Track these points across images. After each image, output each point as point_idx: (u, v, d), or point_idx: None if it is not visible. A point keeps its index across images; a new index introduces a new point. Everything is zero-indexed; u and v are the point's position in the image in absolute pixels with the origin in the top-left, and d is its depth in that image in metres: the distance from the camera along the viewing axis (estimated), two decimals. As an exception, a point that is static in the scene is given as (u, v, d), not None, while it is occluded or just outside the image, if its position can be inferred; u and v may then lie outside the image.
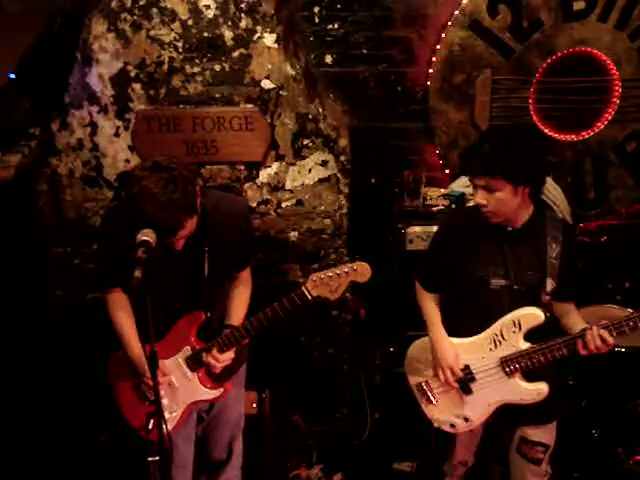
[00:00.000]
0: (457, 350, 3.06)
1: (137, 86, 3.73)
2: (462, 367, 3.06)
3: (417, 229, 4.00)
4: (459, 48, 4.09)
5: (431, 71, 4.16)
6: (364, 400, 4.45)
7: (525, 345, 2.92)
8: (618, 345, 3.69)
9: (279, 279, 4.10)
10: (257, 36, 3.68)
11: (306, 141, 3.88)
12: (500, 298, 2.94)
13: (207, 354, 3.03)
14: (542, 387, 2.94)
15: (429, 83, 4.19)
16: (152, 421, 2.79)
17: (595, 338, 2.76)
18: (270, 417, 3.99)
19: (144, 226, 2.52)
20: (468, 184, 4.10)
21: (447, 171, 4.35)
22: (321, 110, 3.86)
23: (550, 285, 2.87)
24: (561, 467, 3.47)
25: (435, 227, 3.37)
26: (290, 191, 3.97)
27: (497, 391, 3.02)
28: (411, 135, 4.36)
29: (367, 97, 4.29)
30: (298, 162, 3.92)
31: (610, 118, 4.22)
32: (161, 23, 3.63)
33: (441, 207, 4.10)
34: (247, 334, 3.00)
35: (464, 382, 3.08)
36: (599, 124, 4.25)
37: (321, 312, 4.14)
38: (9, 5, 3.66)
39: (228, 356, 3.05)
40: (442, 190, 4.20)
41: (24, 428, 3.83)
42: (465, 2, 4.00)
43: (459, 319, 3.09)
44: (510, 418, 3.09)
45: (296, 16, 4.09)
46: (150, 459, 2.87)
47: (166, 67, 3.71)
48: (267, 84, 3.76)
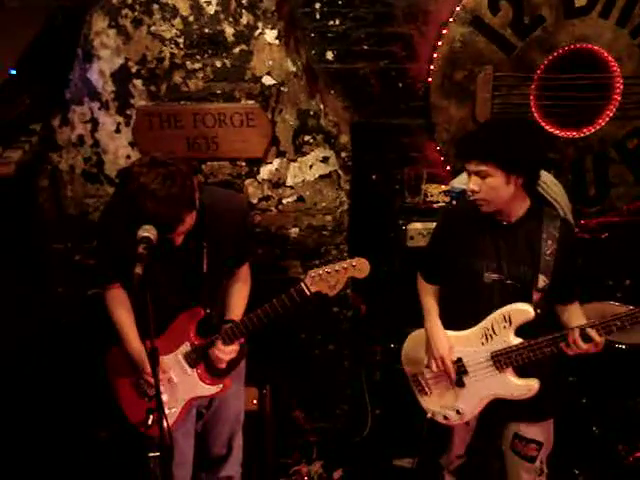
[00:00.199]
0: (451, 342, 3.08)
1: (138, 82, 3.73)
2: (455, 360, 3.08)
3: (418, 226, 4.01)
4: (460, 44, 4.08)
5: (432, 67, 4.15)
6: (365, 396, 4.46)
7: (516, 340, 2.93)
8: (618, 342, 3.73)
9: (280, 276, 4.10)
10: (258, 32, 3.67)
11: (307, 137, 3.87)
12: (493, 292, 2.95)
13: (213, 347, 3.04)
14: (532, 383, 2.94)
15: (430, 79, 4.18)
16: (152, 417, 2.81)
17: (576, 339, 2.76)
18: (270, 413, 4.01)
19: (143, 222, 2.53)
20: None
21: (448, 168, 4.34)
22: (322, 106, 3.85)
23: (542, 282, 2.87)
24: (561, 464, 3.47)
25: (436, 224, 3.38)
26: (291, 187, 3.97)
27: (488, 385, 3.04)
28: (412, 131, 4.35)
29: (368, 93, 4.28)
30: (299, 158, 3.91)
31: (611, 115, 4.22)
32: (162, 19, 3.62)
33: (442, 204, 4.11)
34: (246, 330, 3.01)
35: (457, 375, 3.09)
36: (600, 121, 4.24)
37: (322, 308, 4.14)
38: (10, 1, 3.67)
39: (234, 349, 3.06)
40: (443, 187, 4.21)
41: (24, 424, 3.84)
42: (466, -2, 4.00)
43: (454, 312, 3.12)
44: (504, 414, 3.10)
45: (297, 12, 4.08)
46: (151, 455, 2.89)
47: (167, 63, 3.70)
48: (268, 80, 3.76)
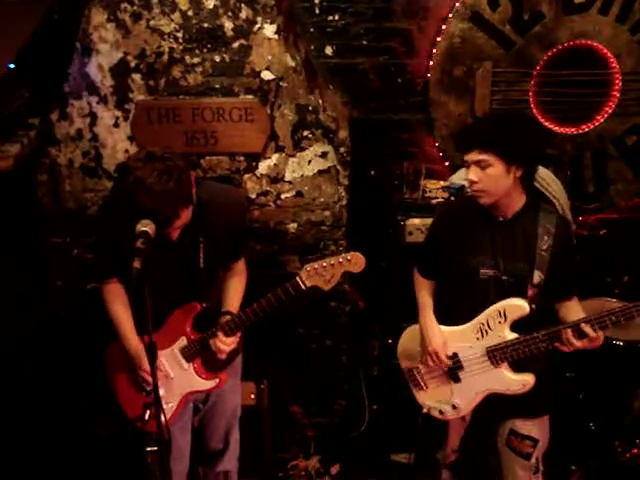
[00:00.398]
0: (446, 338, 3.08)
1: (137, 76, 3.73)
2: (450, 355, 3.08)
3: (416, 221, 4.01)
4: (459, 40, 4.08)
5: (431, 63, 4.15)
6: (362, 391, 4.46)
7: (511, 336, 2.92)
8: (615, 338, 3.73)
9: (278, 271, 4.10)
10: (257, 27, 3.67)
11: (306, 132, 3.88)
12: (488, 288, 2.94)
13: (213, 339, 3.05)
14: (527, 378, 2.94)
15: (429, 75, 4.18)
16: (149, 412, 2.81)
17: (568, 335, 2.76)
18: (268, 408, 4.01)
19: (140, 217, 2.53)
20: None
21: (447, 163, 4.34)
22: (321, 101, 3.85)
23: (537, 277, 2.86)
24: (558, 460, 3.47)
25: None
26: (289, 182, 3.96)
27: (484, 380, 3.04)
28: (411, 127, 4.36)
29: (367, 89, 4.29)
30: (298, 153, 3.91)
31: (610, 111, 4.22)
32: (161, 13, 3.63)
33: (440, 199, 4.11)
34: (242, 324, 3.01)
35: (452, 370, 3.10)
36: (599, 117, 4.24)
37: (319, 303, 4.15)
38: (9, -5, 3.66)
39: (233, 340, 3.07)
40: (441, 182, 4.20)
41: (23, 420, 3.84)
42: (466, -6, 4.00)
43: (450, 307, 3.11)
44: (500, 410, 3.10)
45: (296, 7, 4.09)
46: (149, 449, 2.89)
47: (166, 57, 3.70)
48: (267, 75, 3.76)
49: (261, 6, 3.63)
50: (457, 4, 4.01)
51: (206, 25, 3.65)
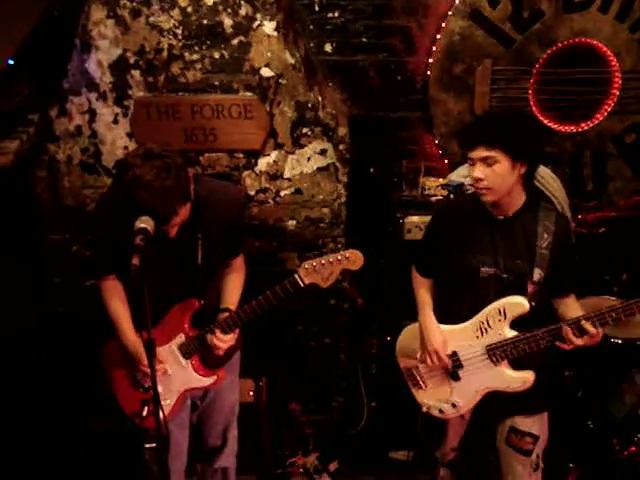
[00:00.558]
0: (445, 336, 3.08)
1: (136, 73, 3.73)
2: (450, 353, 3.08)
3: (415, 219, 4.02)
4: (459, 38, 4.08)
5: (431, 61, 4.15)
6: (360, 389, 4.46)
7: (511, 333, 2.92)
8: (614, 337, 3.73)
9: (277, 268, 4.10)
10: (257, 24, 3.67)
11: (305, 130, 3.87)
12: (489, 286, 2.94)
13: (211, 335, 3.05)
14: (528, 376, 2.95)
15: (429, 73, 4.18)
16: (146, 408, 2.81)
17: (568, 332, 2.76)
18: (267, 405, 4.01)
19: (138, 214, 2.53)
20: (467, 174, 4.09)
21: (446, 161, 4.34)
22: (320, 99, 3.85)
23: (537, 275, 2.87)
24: (556, 458, 3.47)
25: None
26: (289, 180, 3.96)
27: (484, 378, 3.04)
28: (410, 125, 4.35)
29: (366, 86, 4.28)
30: (297, 151, 3.91)
31: (610, 110, 4.22)
32: (160, 10, 3.62)
33: (439, 197, 4.12)
34: (240, 321, 3.01)
35: (452, 368, 3.10)
36: (599, 115, 4.24)
37: (318, 301, 4.15)
38: (8, -9, 3.65)
39: (231, 337, 3.07)
40: (441, 180, 4.21)
41: (21, 416, 3.84)
42: (466, -9, 3.99)
43: (449, 306, 3.11)
44: (499, 408, 3.10)
45: (296, 4, 4.08)
46: (147, 446, 2.90)
47: (165, 54, 3.69)
48: (266, 72, 3.75)
49: (260, 3, 3.63)
50: (457, 1, 4.01)
51: (205, 22, 3.65)
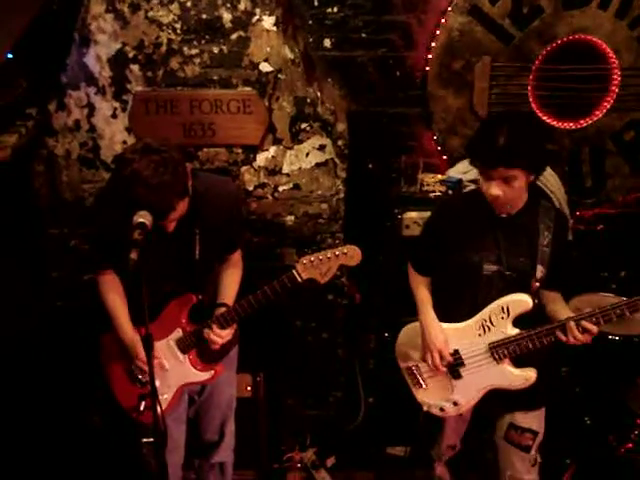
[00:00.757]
0: (447, 335, 3.08)
1: (135, 67, 3.72)
2: (451, 352, 3.07)
3: (413, 215, 4.01)
4: (458, 34, 4.07)
5: (430, 56, 4.14)
6: (358, 385, 4.47)
7: (514, 331, 2.93)
8: (612, 333, 3.74)
9: (275, 263, 4.10)
10: (256, 19, 3.66)
11: (304, 125, 3.87)
12: (491, 284, 2.95)
13: (208, 330, 3.05)
14: (530, 373, 2.95)
15: (428, 68, 4.17)
16: (144, 403, 2.81)
17: (572, 329, 2.77)
18: (264, 400, 4.02)
19: (135, 209, 2.52)
20: (465, 170, 4.12)
21: (445, 157, 4.34)
22: (319, 94, 3.85)
23: (540, 272, 2.88)
24: (553, 454, 3.48)
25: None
26: (287, 175, 3.96)
27: (486, 376, 3.04)
28: (409, 120, 4.35)
29: (365, 82, 4.27)
30: (295, 146, 3.91)
31: (609, 107, 4.21)
32: (159, 4, 3.61)
33: (438, 193, 4.10)
34: (237, 316, 3.01)
35: (453, 367, 3.09)
36: (597, 112, 4.24)
37: (316, 296, 4.15)
38: (7, -16, 3.64)
39: (228, 332, 3.07)
40: (439, 176, 4.20)
41: (19, 410, 3.84)
42: (465, -13, 3.98)
43: (450, 304, 3.11)
44: (499, 405, 3.11)
45: (295, -1, 4.08)
46: (144, 440, 2.90)
47: (164, 49, 3.69)
48: (265, 67, 3.75)
49: (260, -2, 3.63)
50: (456, -3, 4.01)
51: (205, 16, 3.64)
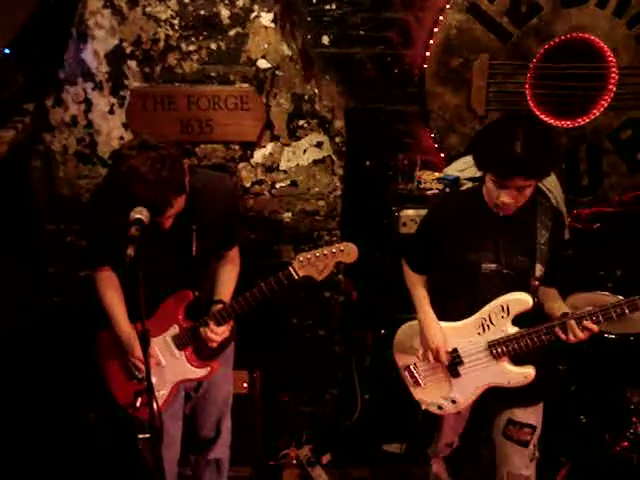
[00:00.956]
0: (446, 333, 3.07)
1: (132, 63, 3.71)
2: (450, 350, 3.07)
3: (410, 212, 4.01)
4: (456, 31, 4.07)
5: (428, 54, 4.14)
6: (354, 382, 4.47)
7: (513, 330, 2.93)
8: (608, 332, 3.74)
9: (272, 260, 4.10)
10: (254, 15, 3.66)
11: (301, 122, 3.87)
12: (490, 282, 2.94)
13: (204, 328, 3.05)
14: (529, 370, 2.95)
15: (426, 66, 4.17)
16: (140, 399, 2.81)
17: (573, 327, 2.78)
18: (260, 397, 4.02)
19: (132, 205, 2.52)
20: (462, 168, 4.12)
21: (442, 155, 4.34)
22: (317, 91, 3.84)
23: (539, 271, 2.89)
24: (548, 452, 3.48)
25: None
26: (284, 172, 3.96)
27: (485, 374, 3.04)
28: (407, 118, 4.35)
29: (363, 79, 4.28)
30: (293, 143, 3.90)
31: (606, 105, 4.22)
32: (157, 0, 3.61)
33: (435, 191, 4.09)
34: (234, 313, 3.01)
35: (452, 365, 3.09)
36: (595, 111, 4.24)
37: (313, 293, 4.15)
38: (4, -21, 3.63)
39: (225, 329, 3.06)
40: (436, 174, 4.19)
41: (14, 405, 3.84)
42: (464, -15, 3.98)
43: (449, 302, 3.10)
44: (497, 401, 3.11)
45: (293, -5, 4.07)
46: (140, 436, 2.90)
47: (162, 45, 3.68)
48: (263, 64, 3.74)
49: (258, -6, 3.62)
50: (455, -5, 4.00)
51: (202, 12, 3.64)
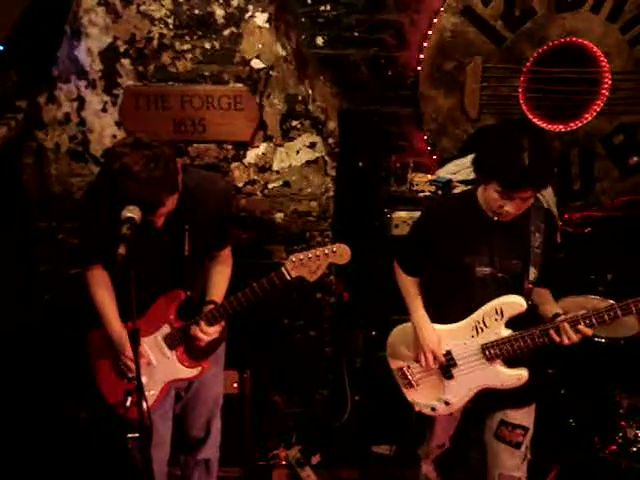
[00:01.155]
0: (439, 336, 3.08)
1: (126, 62, 3.70)
2: (444, 353, 3.08)
3: (403, 214, 4.01)
4: (450, 34, 4.08)
5: (422, 57, 4.15)
6: (345, 383, 4.47)
7: (506, 332, 2.93)
8: (598, 335, 3.76)
9: (264, 260, 4.09)
10: (248, 15, 3.65)
11: (295, 122, 3.86)
12: (484, 286, 2.95)
13: (195, 327, 3.04)
14: (522, 373, 2.96)
15: (420, 68, 4.18)
16: (130, 398, 2.80)
17: (567, 331, 2.79)
18: (250, 397, 4.01)
19: (125, 203, 2.51)
20: (455, 171, 4.13)
21: (435, 157, 4.35)
22: (311, 92, 3.84)
23: (533, 274, 2.90)
24: (537, 455, 3.49)
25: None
26: (277, 172, 3.95)
27: (478, 376, 3.05)
28: (400, 120, 4.36)
29: (357, 80, 4.28)
30: (286, 143, 3.90)
31: (599, 110, 4.23)
32: (152, -2, 3.61)
33: (427, 193, 4.11)
34: (226, 313, 3.01)
35: (446, 367, 3.10)
36: (587, 115, 4.26)
37: (305, 294, 4.15)
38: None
39: (216, 329, 3.06)
40: (429, 176, 4.21)
41: (2, 405, 3.83)
42: (458, -12, 3.99)
43: (443, 305, 3.11)
44: (490, 403, 3.12)
45: (288, -4, 4.07)
46: (130, 436, 2.89)
47: (156, 43, 3.67)
48: (257, 64, 3.74)
49: (253, -6, 3.62)
50: (449, -2, 4.01)
51: (197, 12, 3.63)
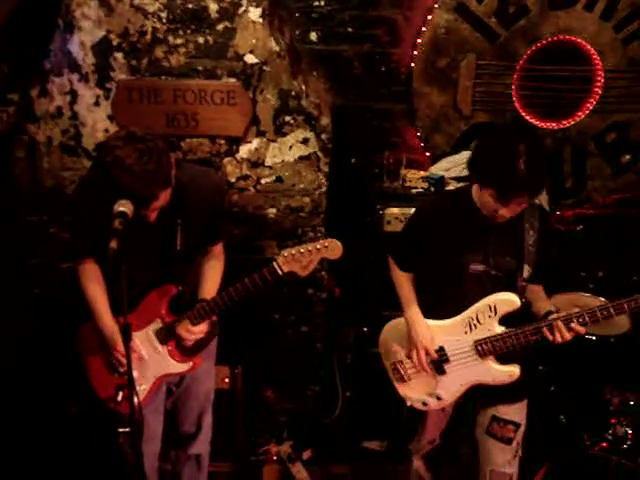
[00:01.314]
0: (432, 332, 3.08)
1: (119, 55, 3.69)
2: (437, 349, 3.08)
3: (395, 211, 4.01)
4: (444, 31, 4.08)
5: (415, 53, 4.15)
6: (336, 379, 4.47)
7: (500, 329, 2.94)
8: (589, 333, 3.77)
9: (256, 256, 4.09)
10: (242, 10, 3.65)
11: (288, 118, 3.86)
12: (478, 283, 2.96)
13: (180, 326, 3.04)
14: (514, 369, 2.97)
15: (413, 65, 4.18)
16: (121, 393, 2.79)
17: (561, 329, 2.79)
18: (242, 392, 4.01)
19: (117, 197, 2.51)
20: (447, 167, 4.14)
21: (428, 154, 4.35)
22: (304, 87, 3.84)
23: (527, 272, 2.91)
24: (527, 452, 3.50)
25: (414, 209, 3.36)
26: (270, 168, 3.95)
27: (470, 372, 3.05)
28: (393, 116, 4.36)
29: (351, 76, 4.28)
30: (279, 139, 3.90)
31: (591, 108, 4.24)
32: (145, -8, 3.60)
33: (420, 189, 4.11)
34: (217, 308, 3.00)
35: (438, 363, 3.11)
36: (580, 114, 4.27)
37: (296, 290, 4.15)
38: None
39: (201, 329, 3.05)
40: (422, 173, 4.20)
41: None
42: (452, -15, 3.99)
43: (436, 301, 3.11)
44: (482, 397, 3.12)
45: (282, -9, 4.07)
46: (121, 430, 2.88)
47: (149, 37, 3.67)
48: (251, 59, 3.74)
49: (247, -11, 3.62)
50: (443, -5, 4.01)
51: (190, 6, 3.63)
